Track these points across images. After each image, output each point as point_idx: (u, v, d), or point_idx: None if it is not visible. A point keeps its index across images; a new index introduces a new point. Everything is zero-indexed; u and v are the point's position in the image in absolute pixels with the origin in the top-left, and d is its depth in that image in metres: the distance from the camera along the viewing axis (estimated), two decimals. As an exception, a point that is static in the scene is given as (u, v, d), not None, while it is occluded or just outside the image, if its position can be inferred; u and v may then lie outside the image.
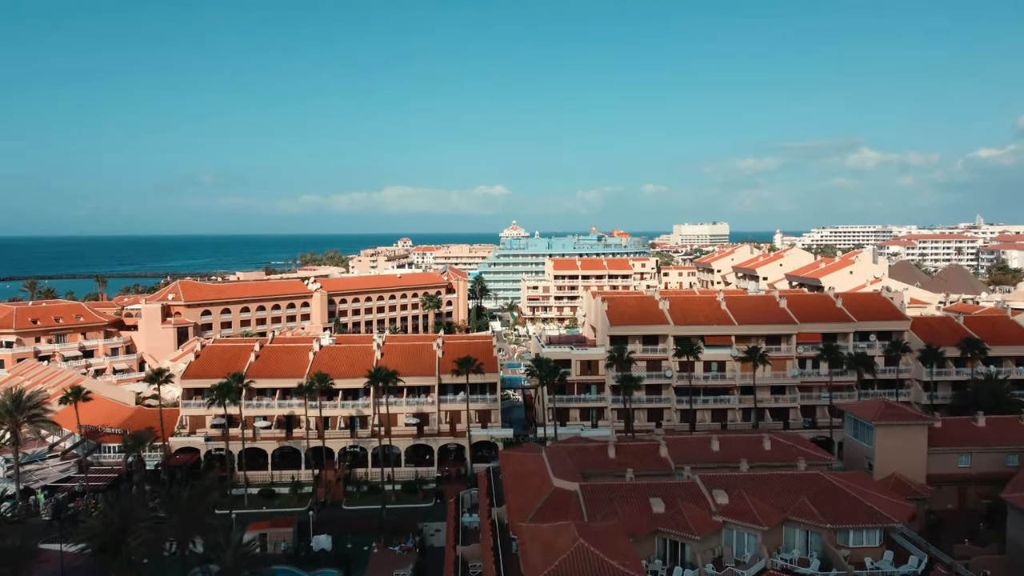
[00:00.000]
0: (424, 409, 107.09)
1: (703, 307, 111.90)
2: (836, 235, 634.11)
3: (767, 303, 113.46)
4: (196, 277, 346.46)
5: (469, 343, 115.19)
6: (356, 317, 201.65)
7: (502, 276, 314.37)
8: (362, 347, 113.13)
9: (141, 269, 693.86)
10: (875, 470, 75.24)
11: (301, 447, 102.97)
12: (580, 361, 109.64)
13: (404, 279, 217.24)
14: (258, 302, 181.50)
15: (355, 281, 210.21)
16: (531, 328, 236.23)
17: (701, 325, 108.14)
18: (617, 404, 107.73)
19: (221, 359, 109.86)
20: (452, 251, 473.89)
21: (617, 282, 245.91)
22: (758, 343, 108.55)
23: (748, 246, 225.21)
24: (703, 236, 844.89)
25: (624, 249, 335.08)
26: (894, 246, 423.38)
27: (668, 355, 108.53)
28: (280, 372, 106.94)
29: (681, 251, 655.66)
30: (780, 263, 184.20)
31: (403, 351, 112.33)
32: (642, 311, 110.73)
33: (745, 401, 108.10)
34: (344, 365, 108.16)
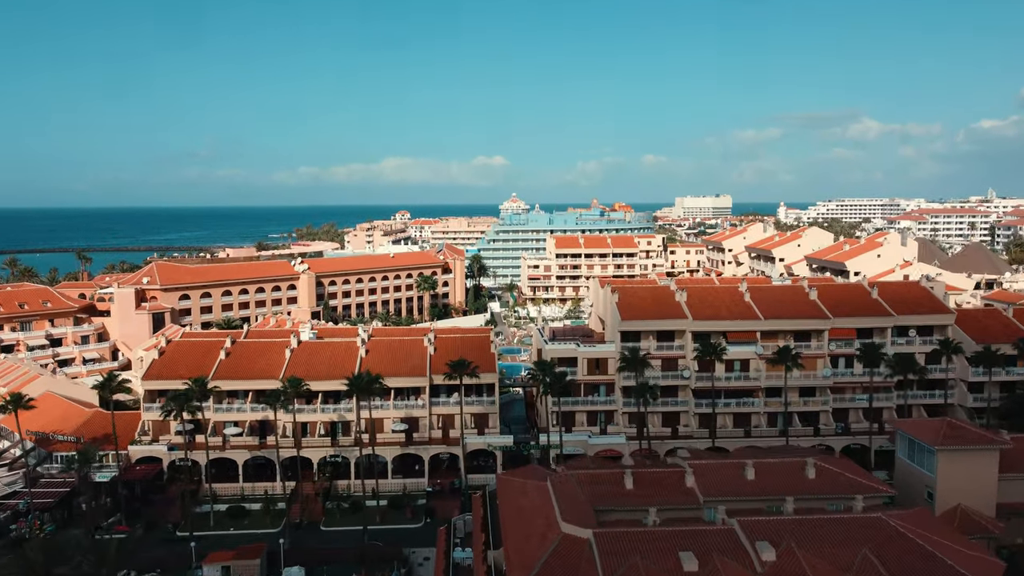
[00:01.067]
0: (413, 413, 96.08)
1: (725, 299, 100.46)
2: (842, 208, 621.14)
3: (796, 295, 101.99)
4: (187, 252, 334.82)
5: (463, 338, 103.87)
6: (347, 300, 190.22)
7: (501, 253, 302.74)
8: (344, 344, 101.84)
9: (134, 242, 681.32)
10: (936, 500, 64.35)
11: (275, 457, 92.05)
12: (587, 359, 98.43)
13: (398, 259, 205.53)
14: (241, 285, 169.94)
15: (345, 262, 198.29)
16: (531, 309, 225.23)
17: (723, 320, 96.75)
18: (629, 408, 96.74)
19: (188, 357, 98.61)
20: (450, 225, 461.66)
21: (622, 260, 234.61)
22: (786, 340, 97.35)
23: (761, 224, 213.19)
24: (706, 209, 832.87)
25: (628, 225, 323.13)
26: (905, 221, 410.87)
27: (686, 353, 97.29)
28: (253, 372, 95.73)
29: (684, 224, 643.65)
30: (798, 243, 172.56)
31: (390, 348, 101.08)
32: (657, 304, 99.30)
33: (771, 404, 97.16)
34: (324, 365, 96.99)
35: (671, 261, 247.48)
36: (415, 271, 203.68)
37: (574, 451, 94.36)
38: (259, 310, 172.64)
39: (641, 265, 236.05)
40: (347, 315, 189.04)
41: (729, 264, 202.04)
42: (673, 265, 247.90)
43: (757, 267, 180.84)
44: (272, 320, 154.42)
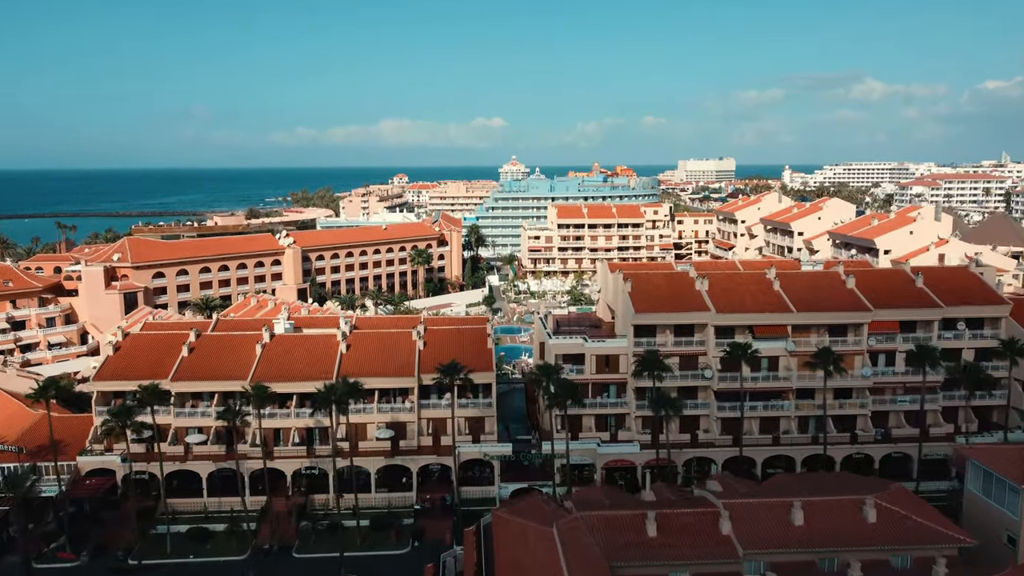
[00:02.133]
0: (400, 417, 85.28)
1: (751, 288, 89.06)
2: (850, 173, 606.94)
3: (831, 283, 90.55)
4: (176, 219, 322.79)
5: (457, 331, 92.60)
6: (335, 276, 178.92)
7: (500, 222, 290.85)
8: (323, 338, 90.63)
9: (126, 207, 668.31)
10: (1020, 549, 53.69)
11: (244, 469, 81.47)
12: (596, 356, 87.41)
13: (390, 231, 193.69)
14: (220, 261, 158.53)
15: (334, 235, 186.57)
16: (532, 283, 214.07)
17: (750, 313, 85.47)
18: (643, 411, 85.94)
19: (147, 353, 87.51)
20: (448, 190, 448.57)
21: (627, 231, 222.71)
22: (820, 334, 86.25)
23: (775, 193, 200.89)
24: (709, 172, 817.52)
25: (632, 191, 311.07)
26: (917, 187, 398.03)
27: (707, 349, 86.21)
28: (218, 372, 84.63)
29: (688, 188, 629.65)
30: (818, 216, 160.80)
31: (375, 342, 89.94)
32: (675, 294, 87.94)
33: (803, 407, 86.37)
34: (299, 363, 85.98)
35: (678, 231, 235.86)
36: (409, 244, 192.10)
37: (581, 460, 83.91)
38: (241, 288, 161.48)
39: (647, 236, 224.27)
40: (336, 292, 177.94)
41: (742, 236, 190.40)
42: (680, 236, 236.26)
43: (774, 241, 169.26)
44: (253, 300, 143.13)
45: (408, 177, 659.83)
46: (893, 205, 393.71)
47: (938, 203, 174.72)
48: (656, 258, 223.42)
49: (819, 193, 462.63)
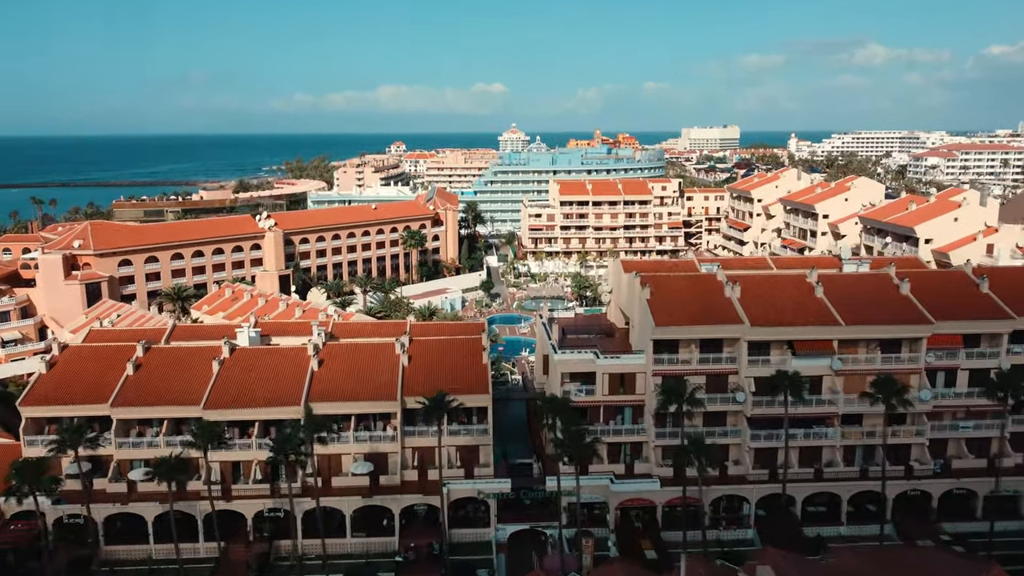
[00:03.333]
0: (381, 447, 73.17)
1: (790, 295, 76.40)
2: (859, 141, 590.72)
3: (882, 288, 77.87)
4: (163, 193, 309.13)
5: (447, 343, 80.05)
6: (321, 260, 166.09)
7: (500, 196, 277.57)
8: (291, 352, 78.15)
9: (117, 176, 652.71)
10: None
11: (197, 511, 69.54)
12: (609, 375, 75.12)
13: (381, 211, 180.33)
14: (194, 246, 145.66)
15: (319, 215, 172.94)
16: (533, 264, 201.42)
17: (790, 326, 72.92)
18: (663, 440, 73.83)
19: (86, 372, 75.16)
20: (446, 160, 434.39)
21: (634, 209, 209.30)
22: (870, 350, 73.87)
23: (794, 170, 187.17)
24: (713, 140, 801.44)
25: (637, 164, 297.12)
26: (932, 158, 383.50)
27: (739, 368, 73.87)
28: (167, 395, 72.34)
29: (692, 158, 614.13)
30: (845, 197, 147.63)
31: (352, 356, 77.50)
32: (701, 303, 75.29)
33: (849, 435, 74.28)
34: (262, 383, 73.67)
35: (687, 208, 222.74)
36: (401, 224, 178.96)
37: (591, 499, 71.96)
38: (218, 275, 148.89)
39: (655, 214, 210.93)
40: (322, 277, 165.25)
41: (758, 216, 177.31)
42: (690, 213, 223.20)
43: (794, 223, 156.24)
44: (228, 291, 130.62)
45: (406, 145, 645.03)
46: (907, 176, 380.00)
47: (985, 186, 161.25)
48: (664, 237, 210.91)
49: (828, 164, 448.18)
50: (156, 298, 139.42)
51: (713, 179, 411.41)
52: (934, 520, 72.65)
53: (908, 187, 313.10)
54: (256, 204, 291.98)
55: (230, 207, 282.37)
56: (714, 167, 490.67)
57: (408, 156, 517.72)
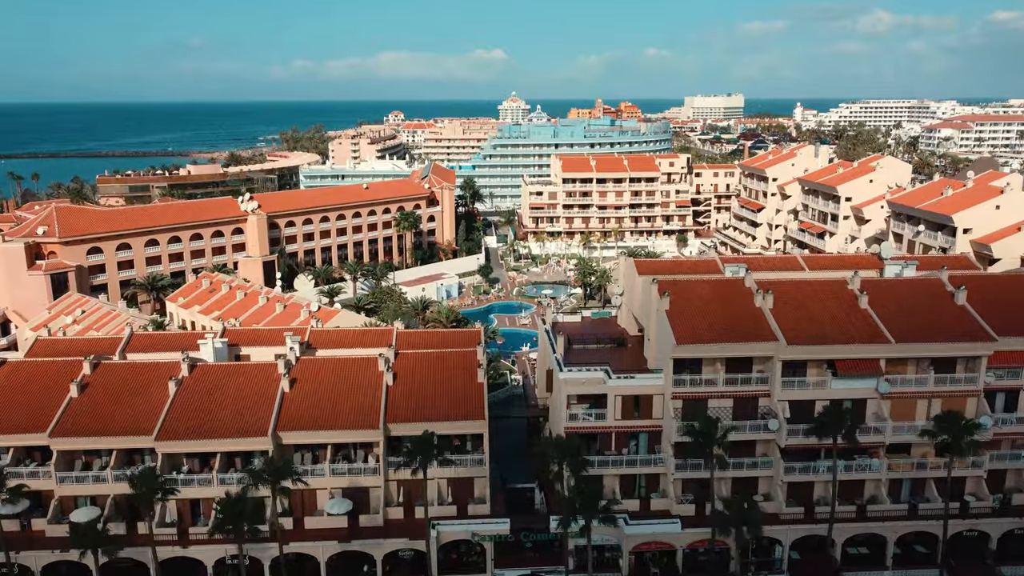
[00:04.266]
0: (361, 481, 63.99)
1: (830, 306, 66.64)
2: (867, 111, 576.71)
3: (934, 296, 68.15)
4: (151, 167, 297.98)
5: (437, 358, 70.48)
6: (308, 244, 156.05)
7: (499, 171, 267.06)
8: (260, 368, 68.63)
9: (109, 146, 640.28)
10: None
11: (147, 558, 60.50)
12: (622, 397, 65.77)
13: (373, 190, 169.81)
14: (171, 232, 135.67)
15: (305, 197, 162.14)
16: (534, 245, 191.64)
17: (833, 345, 63.29)
18: (685, 472, 64.65)
19: (26, 393, 65.76)
20: (444, 132, 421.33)
21: (640, 186, 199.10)
22: (921, 369, 64.41)
23: (812, 147, 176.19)
24: (716, 109, 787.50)
25: (643, 137, 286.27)
26: (946, 129, 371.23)
27: (772, 390, 64.44)
28: (113, 423, 63.00)
29: (696, 128, 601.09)
30: (870, 179, 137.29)
31: (329, 373, 68.06)
32: (729, 315, 65.61)
33: (897, 467, 65.04)
34: (225, 408, 64.32)
35: (696, 185, 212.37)
36: (394, 204, 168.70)
37: (602, 541, 62.98)
38: (197, 261, 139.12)
39: (662, 192, 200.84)
40: (310, 263, 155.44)
41: (773, 196, 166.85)
42: (698, 190, 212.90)
43: (814, 205, 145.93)
44: (205, 282, 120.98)
45: (404, 114, 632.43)
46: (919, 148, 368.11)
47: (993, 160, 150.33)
48: (671, 216, 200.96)
49: (837, 135, 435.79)
50: (129, 288, 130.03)
51: (719, 151, 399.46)
52: (992, 563, 63.86)
53: (922, 160, 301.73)
54: (247, 179, 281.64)
55: (219, 182, 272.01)
56: (719, 138, 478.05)
57: (406, 126, 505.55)
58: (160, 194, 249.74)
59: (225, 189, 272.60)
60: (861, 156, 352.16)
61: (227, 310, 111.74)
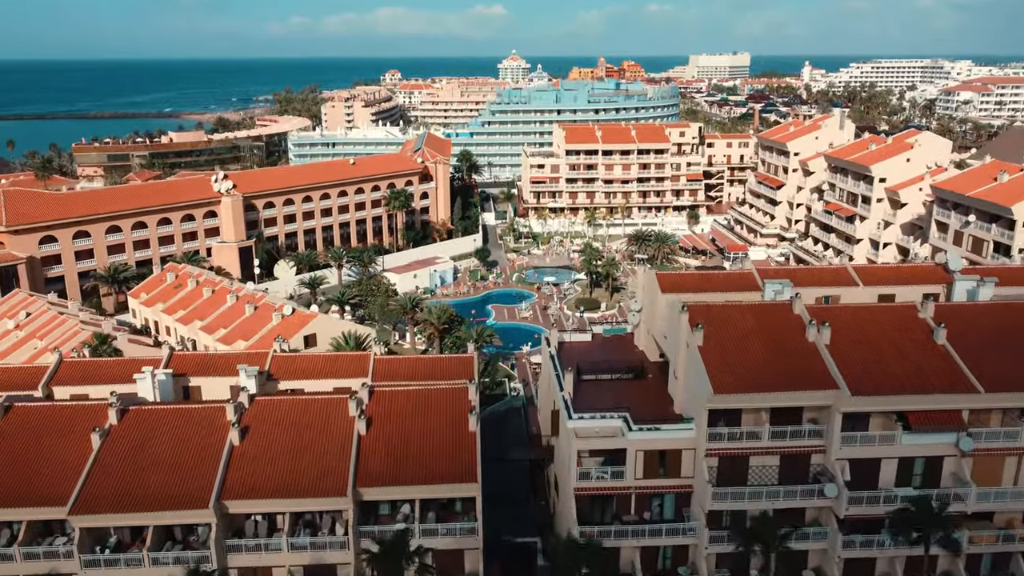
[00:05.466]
0: (327, 557, 52.45)
1: (900, 342, 54.54)
2: (878, 72, 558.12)
3: (1021, 324, 56.03)
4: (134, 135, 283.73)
5: (421, 396, 58.61)
6: (290, 226, 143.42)
7: (498, 139, 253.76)
8: (205, 413, 56.60)
9: (97, 107, 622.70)
10: None
11: (64, 659, 49.33)
12: (643, 452, 54.10)
13: (360, 166, 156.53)
14: (135, 216, 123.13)
15: (286, 174, 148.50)
16: (534, 223, 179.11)
17: (906, 395, 51.37)
18: (720, 545, 53.19)
19: (-82, 445, 54.06)
20: (442, 94, 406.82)
21: (649, 159, 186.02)
22: (1010, 419, 52.65)
23: (835, 117, 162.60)
24: (722, 68, 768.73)
25: (649, 102, 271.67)
26: (965, 92, 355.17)
27: (829, 447, 52.71)
28: (23, 488, 51.34)
29: (701, 88, 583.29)
30: (907, 157, 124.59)
31: (289, 418, 56.27)
32: (776, 354, 53.58)
33: (980, 539, 53.52)
34: (158, 468, 52.54)
35: (707, 156, 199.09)
36: (384, 181, 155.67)
37: (620, 632, 51.78)
38: (166, 249, 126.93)
39: (673, 164, 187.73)
40: (292, 246, 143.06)
41: (794, 172, 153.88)
42: (710, 161, 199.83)
43: (842, 185, 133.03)
44: (171, 276, 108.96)
45: (401, 73, 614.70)
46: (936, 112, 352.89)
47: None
48: (682, 191, 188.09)
49: (850, 98, 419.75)
50: (89, 280, 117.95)
51: (728, 115, 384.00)
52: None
53: (943, 126, 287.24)
54: (232, 146, 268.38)
55: (203, 150, 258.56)
56: (726, 100, 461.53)
57: (403, 86, 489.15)
58: (140, 164, 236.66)
59: (210, 157, 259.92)
60: (876, 120, 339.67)
61: (192, 310, 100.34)
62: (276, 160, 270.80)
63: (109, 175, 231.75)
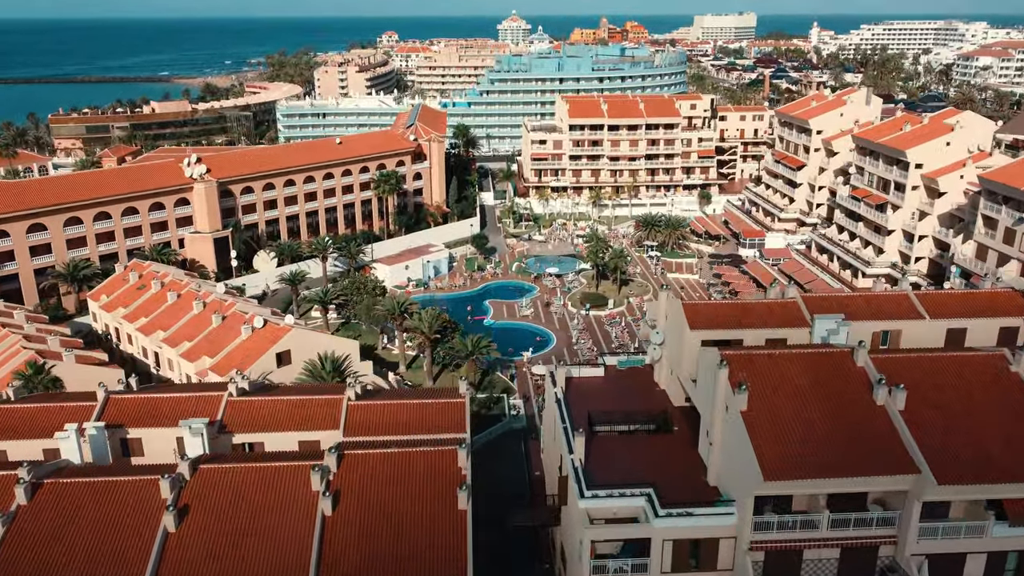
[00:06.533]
0: (283, 673, 42.73)
1: (988, 404, 44.11)
2: (890, 33, 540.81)
3: None
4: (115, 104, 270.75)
5: (403, 460, 48.36)
6: (271, 213, 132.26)
7: (497, 108, 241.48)
8: (137, 489, 46.36)
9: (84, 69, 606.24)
10: None
11: None
12: (673, 543, 44.03)
13: (348, 145, 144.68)
14: (97, 207, 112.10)
15: (265, 156, 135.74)
16: (535, 203, 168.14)
17: (1003, 483, 41.10)
18: (765, 658, 43.35)
19: None
20: (439, 58, 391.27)
21: (658, 134, 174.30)
22: None
23: (862, 91, 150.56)
24: (728, 29, 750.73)
25: (656, 69, 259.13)
26: (983, 57, 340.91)
27: (904, 539, 42.60)
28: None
29: (707, 51, 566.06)
30: (946, 140, 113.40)
31: (237, 494, 46.15)
32: (837, 422, 43.15)
33: (1083, 649, 43.76)
34: (72, 567, 42.52)
35: (719, 130, 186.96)
36: (373, 162, 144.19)
37: None
38: (133, 241, 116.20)
39: (683, 140, 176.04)
40: (273, 235, 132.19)
41: (816, 152, 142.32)
42: (723, 136, 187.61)
43: (872, 169, 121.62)
44: (134, 276, 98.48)
45: (398, 35, 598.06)
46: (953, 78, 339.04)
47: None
48: (693, 169, 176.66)
49: (861, 62, 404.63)
50: (46, 278, 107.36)
51: (736, 80, 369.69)
52: None
53: (964, 94, 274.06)
54: (219, 116, 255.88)
55: (187, 120, 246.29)
56: (734, 64, 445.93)
57: (399, 49, 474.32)
58: (120, 136, 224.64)
59: (195, 128, 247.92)
60: (892, 87, 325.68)
61: (155, 317, 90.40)
62: (264, 131, 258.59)
63: (88, 148, 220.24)
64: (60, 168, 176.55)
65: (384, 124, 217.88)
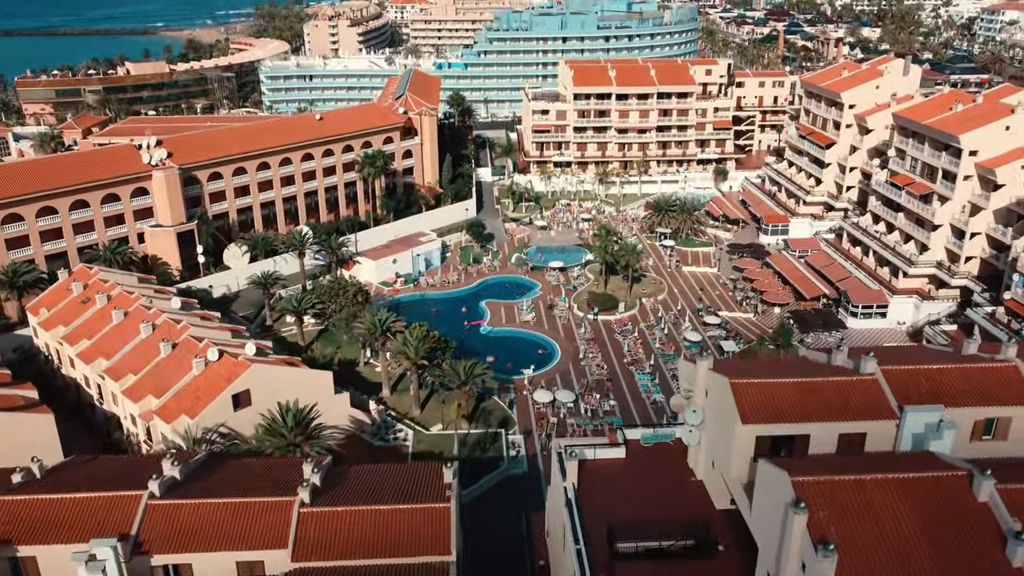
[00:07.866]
0: None
1: None
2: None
3: None
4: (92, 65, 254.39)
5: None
6: (243, 200, 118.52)
7: (496, 70, 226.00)
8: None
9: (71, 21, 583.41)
10: None
11: None
12: None
13: (329, 123, 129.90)
14: (39, 201, 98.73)
15: (234, 138, 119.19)
16: (537, 180, 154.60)
17: None
18: None
19: None
20: (435, 11, 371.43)
21: (671, 104, 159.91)
22: None
23: (901, 61, 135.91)
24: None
25: (666, 28, 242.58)
26: (1009, 11, 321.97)
27: None
28: None
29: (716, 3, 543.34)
30: (1006, 125, 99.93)
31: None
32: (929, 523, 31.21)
33: None
34: None
35: (736, 98, 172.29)
36: (358, 140, 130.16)
37: None
38: (86, 237, 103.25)
39: (698, 111, 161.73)
40: (246, 224, 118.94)
41: (848, 129, 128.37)
42: (740, 105, 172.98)
43: (916, 155, 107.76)
44: (78, 286, 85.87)
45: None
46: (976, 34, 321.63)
47: None
48: (707, 142, 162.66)
49: (879, 15, 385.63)
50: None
51: (747, 34, 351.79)
52: None
53: (993, 54, 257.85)
54: (199, 77, 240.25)
55: (164, 83, 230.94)
56: (743, 16, 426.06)
57: (393, 1, 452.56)
58: (92, 102, 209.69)
59: (174, 91, 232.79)
60: (910, 42, 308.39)
61: (97, 341, 78.46)
62: (248, 94, 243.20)
63: (59, 112, 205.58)
64: (21, 140, 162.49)
65: (375, 87, 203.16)
